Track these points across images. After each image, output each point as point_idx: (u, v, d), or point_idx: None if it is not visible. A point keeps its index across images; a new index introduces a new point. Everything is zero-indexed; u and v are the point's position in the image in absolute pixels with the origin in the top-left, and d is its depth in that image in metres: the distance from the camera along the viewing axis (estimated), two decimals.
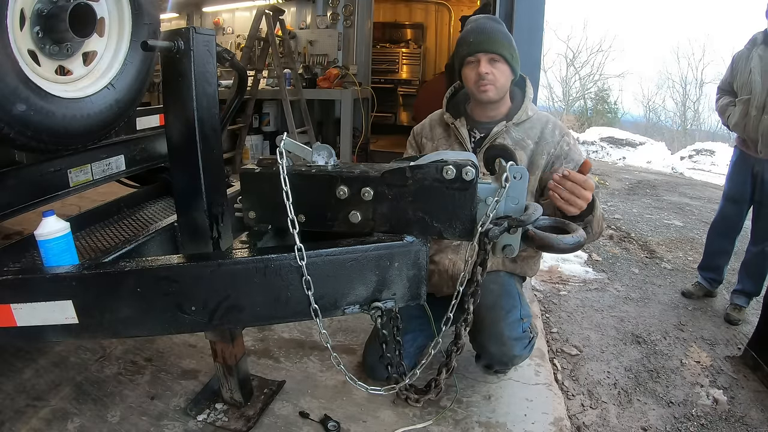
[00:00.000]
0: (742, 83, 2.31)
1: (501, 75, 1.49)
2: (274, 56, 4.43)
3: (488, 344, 1.50)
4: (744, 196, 2.43)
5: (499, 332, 1.48)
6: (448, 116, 1.62)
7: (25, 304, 0.95)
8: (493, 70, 1.47)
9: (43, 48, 1.12)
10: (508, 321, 1.48)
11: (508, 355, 1.50)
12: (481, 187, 0.93)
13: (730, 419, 1.71)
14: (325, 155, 1.04)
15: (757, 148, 2.28)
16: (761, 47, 2.24)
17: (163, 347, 1.83)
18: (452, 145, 1.59)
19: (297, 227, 0.92)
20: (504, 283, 1.59)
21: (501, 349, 1.49)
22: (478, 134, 1.59)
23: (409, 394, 1.09)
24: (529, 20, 2.80)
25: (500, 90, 1.51)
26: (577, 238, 0.95)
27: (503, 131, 1.54)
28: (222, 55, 1.32)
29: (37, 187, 1.36)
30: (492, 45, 1.46)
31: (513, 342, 1.48)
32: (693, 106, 16.40)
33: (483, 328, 1.50)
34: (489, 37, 1.46)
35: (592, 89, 16.87)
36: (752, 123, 2.26)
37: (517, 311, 1.50)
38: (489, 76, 1.47)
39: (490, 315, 1.49)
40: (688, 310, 2.55)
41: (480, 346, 1.54)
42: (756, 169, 2.35)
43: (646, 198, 5.26)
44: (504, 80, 1.50)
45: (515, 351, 1.50)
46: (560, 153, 1.52)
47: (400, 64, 6.13)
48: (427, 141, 1.68)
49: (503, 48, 1.46)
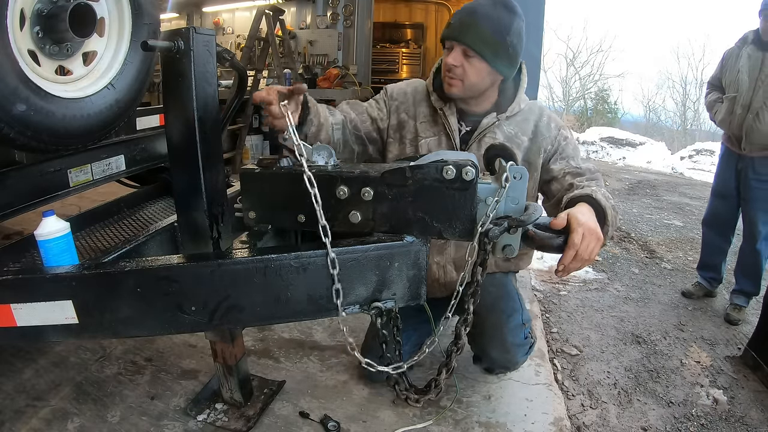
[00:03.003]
0: (731, 81, 2.35)
1: (473, 73, 1.27)
2: (274, 56, 4.43)
3: (490, 349, 1.49)
4: (730, 192, 2.47)
5: (501, 338, 1.46)
6: (436, 98, 1.40)
7: (25, 304, 0.95)
8: (464, 63, 1.26)
9: (43, 48, 1.12)
10: (510, 326, 1.46)
11: (511, 361, 1.50)
12: (481, 187, 0.93)
13: (730, 419, 1.71)
14: (325, 155, 1.04)
15: (741, 145, 2.32)
16: (751, 46, 2.26)
17: (163, 347, 1.83)
18: (439, 135, 1.41)
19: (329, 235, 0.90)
20: (503, 283, 1.56)
21: (504, 356, 1.48)
22: (465, 127, 1.41)
23: (409, 394, 1.09)
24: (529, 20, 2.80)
25: (469, 88, 1.31)
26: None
27: (494, 125, 1.38)
28: (222, 55, 1.32)
29: (37, 187, 1.36)
30: (467, 36, 1.23)
31: (516, 348, 1.48)
32: (693, 106, 16.42)
33: (484, 332, 1.46)
34: (474, 27, 1.23)
35: (592, 89, 16.89)
36: (737, 120, 2.30)
37: (518, 315, 1.49)
38: (457, 70, 1.27)
39: (491, 318, 1.46)
40: (688, 310, 2.55)
41: (481, 350, 1.52)
42: (740, 165, 2.38)
43: (646, 198, 5.26)
44: (476, 79, 1.29)
45: (517, 357, 1.50)
46: (557, 148, 1.38)
47: (400, 64, 6.11)
48: (405, 116, 1.43)
49: (481, 43, 1.23)
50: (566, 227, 0.98)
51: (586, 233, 0.96)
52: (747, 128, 2.27)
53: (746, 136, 2.28)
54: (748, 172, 2.33)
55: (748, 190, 2.36)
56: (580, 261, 0.97)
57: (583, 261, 0.97)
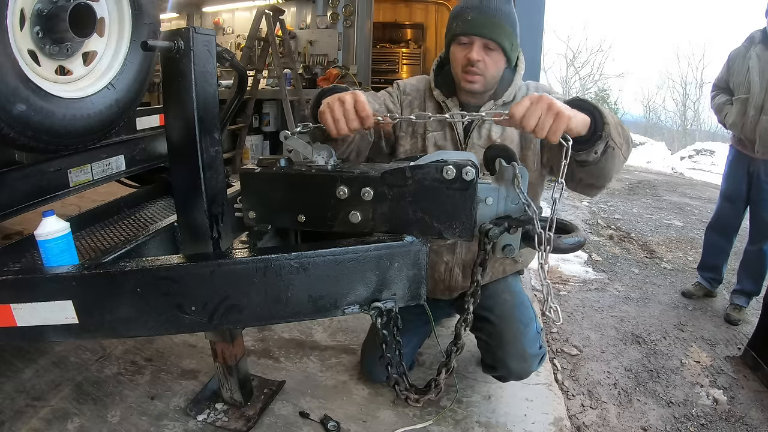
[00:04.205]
0: (739, 82, 2.31)
1: (493, 65, 1.29)
2: (274, 56, 4.43)
3: (509, 360, 1.45)
4: (740, 195, 2.44)
5: (521, 349, 1.44)
6: (439, 93, 1.42)
7: (25, 304, 0.95)
8: (486, 58, 1.27)
9: (43, 48, 1.12)
10: (528, 337, 1.45)
11: (527, 371, 1.49)
12: (481, 187, 0.93)
13: (730, 419, 1.71)
14: (325, 155, 1.04)
15: (755, 148, 2.28)
16: (759, 46, 2.23)
17: (163, 347, 1.83)
18: (444, 129, 1.42)
19: None
20: (516, 291, 1.54)
21: (522, 366, 1.46)
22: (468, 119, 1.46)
23: (409, 394, 1.09)
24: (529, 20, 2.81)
25: (489, 81, 1.32)
26: (577, 238, 0.95)
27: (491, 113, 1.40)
28: (222, 55, 1.32)
29: (37, 187, 1.36)
30: (492, 31, 1.24)
31: (533, 358, 1.46)
32: (693, 106, 16.46)
33: (504, 344, 1.45)
34: (491, 20, 1.24)
35: (592, 89, 16.89)
36: (750, 123, 2.25)
37: (534, 324, 1.48)
38: (480, 65, 1.27)
39: (510, 329, 1.45)
40: (688, 310, 2.55)
41: (498, 359, 1.49)
42: (751, 169, 2.35)
43: (646, 198, 5.26)
44: (495, 71, 1.31)
45: (533, 367, 1.49)
46: None
47: (400, 64, 6.11)
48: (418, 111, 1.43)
49: (504, 36, 1.25)
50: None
51: (533, 101, 0.88)
52: (761, 131, 2.22)
53: (760, 139, 2.23)
54: (761, 174, 2.30)
55: (759, 193, 2.33)
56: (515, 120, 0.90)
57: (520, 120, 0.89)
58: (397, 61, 6.12)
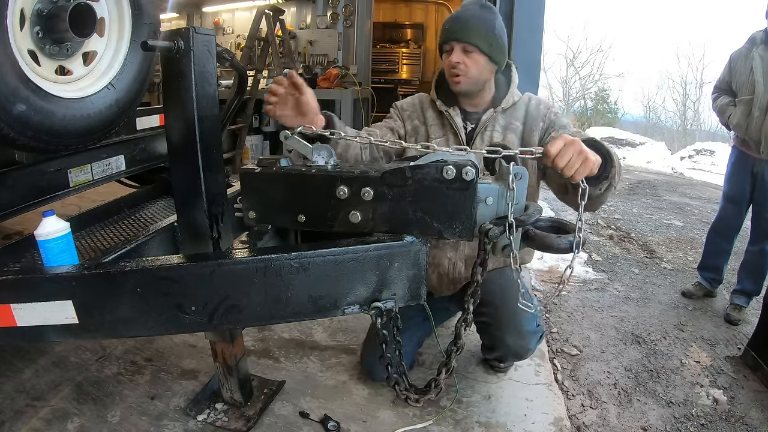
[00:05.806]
0: (742, 83, 2.30)
1: (474, 66, 1.41)
2: (274, 56, 4.43)
3: (507, 337, 1.52)
4: (744, 196, 2.43)
5: (518, 324, 1.50)
6: (440, 103, 1.54)
7: (25, 304, 0.95)
8: (465, 59, 1.40)
9: (43, 48, 1.12)
10: (526, 314, 1.47)
11: (524, 347, 1.54)
12: (481, 187, 0.93)
13: (730, 419, 1.71)
14: (325, 155, 1.04)
15: (759, 149, 2.27)
16: (761, 47, 2.23)
17: (163, 347, 1.83)
18: (447, 135, 1.54)
19: None
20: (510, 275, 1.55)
21: (519, 342, 1.52)
22: (469, 125, 1.54)
23: (409, 394, 1.09)
24: (529, 20, 2.81)
25: (473, 81, 1.44)
26: (577, 238, 0.95)
27: (492, 119, 1.50)
28: (222, 55, 1.32)
29: (37, 187, 1.36)
30: (465, 34, 1.39)
31: (530, 335, 1.52)
32: (693, 106, 16.44)
33: (500, 321, 1.51)
34: (464, 26, 1.40)
35: (592, 89, 16.90)
36: (755, 124, 2.24)
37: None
38: (461, 66, 1.41)
39: (506, 307, 1.50)
40: (688, 310, 2.55)
41: (497, 338, 1.55)
42: (756, 169, 2.34)
43: (646, 198, 5.25)
44: (477, 71, 1.43)
45: (531, 344, 1.54)
46: (549, 123, 1.48)
47: (400, 64, 6.11)
48: (417, 122, 1.59)
49: (478, 38, 1.39)
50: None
51: (567, 143, 0.94)
52: (766, 132, 2.20)
53: (765, 140, 2.22)
54: (765, 175, 2.30)
55: (764, 193, 2.32)
56: (549, 158, 0.95)
57: (567, 157, 0.94)
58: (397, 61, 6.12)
